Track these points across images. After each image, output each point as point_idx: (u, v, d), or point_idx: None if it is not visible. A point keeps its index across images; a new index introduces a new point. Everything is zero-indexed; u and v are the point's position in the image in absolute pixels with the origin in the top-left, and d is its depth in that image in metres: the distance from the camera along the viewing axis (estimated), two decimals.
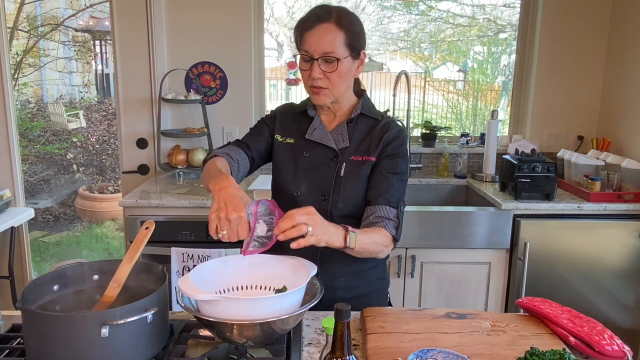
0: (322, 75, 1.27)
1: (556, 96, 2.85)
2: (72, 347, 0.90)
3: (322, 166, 1.34)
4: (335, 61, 1.25)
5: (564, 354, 0.92)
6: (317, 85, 1.28)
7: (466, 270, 2.32)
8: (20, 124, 5.30)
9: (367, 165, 1.33)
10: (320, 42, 1.24)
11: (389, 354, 1.00)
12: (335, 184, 1.32)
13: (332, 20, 1.25)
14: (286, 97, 4.16)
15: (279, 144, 1.40)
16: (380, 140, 1.34)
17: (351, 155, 1.34)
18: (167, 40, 2.70)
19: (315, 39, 1.24)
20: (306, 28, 1.26)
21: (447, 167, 2.83)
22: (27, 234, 2.93)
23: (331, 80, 1.28)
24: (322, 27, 1.25)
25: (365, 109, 1.38)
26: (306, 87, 1.33)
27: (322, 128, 1.37)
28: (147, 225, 1.11)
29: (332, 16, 1.25)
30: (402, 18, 3.99)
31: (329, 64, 1.26)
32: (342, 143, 1.35)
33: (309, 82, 1.30)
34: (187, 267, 2.10)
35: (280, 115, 1.45)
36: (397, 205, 1.30)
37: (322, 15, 1.25)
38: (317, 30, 1.25)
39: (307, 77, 1.29)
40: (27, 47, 5.86)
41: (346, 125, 1.36)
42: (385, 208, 1.29)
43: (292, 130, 1.40)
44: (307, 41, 1.26)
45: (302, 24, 1.28)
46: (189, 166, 2.68)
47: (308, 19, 1.27)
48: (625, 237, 2.28)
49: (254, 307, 0.95)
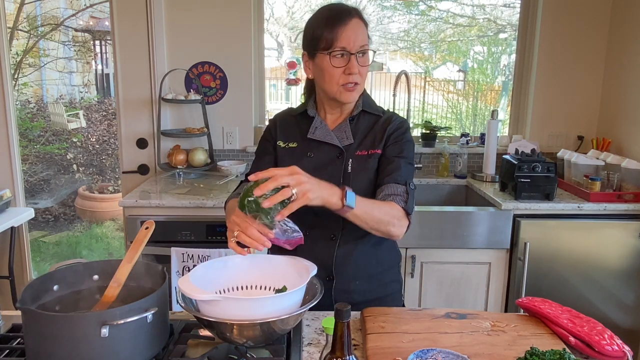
0: (358, 70, 1.27)
1: (556, 96, 2.85)
2: (72, 347, 0.90)
3: (328, 165, 1.33)
4: (369, 52, 1.28)
5: (564, 354, 0.92)
6: (352, 81, 1.27)
7: (466, 270, 2.32)
8: (20, 124, 5.30)
9: (373, 158, 1.32)
10: (357, 36, 1.25)
11: (389, 354, 1.00)
12: (344, 181, 1.30)
13: (357, 16, 1.27)
14: (286, 97, 4.16)
15: (282, 150, 1.38)
16: (384, 133, 1.34)
17: (356, 151, 1.33)
18: (167, 40, 2.70)
19: (352, 33, 1.24)
20: (340, 24, 1.24)
21: (447, 167, 2.83)
22: (27, 234, 2.92)
23: (362, 75, 1.28)
24: (354, 21, 1.26)
25: (367, 106, 1.37)
26: (335, 86, 1.28)
27: (323, 127, 1.36)
28: (147, 225, 1.11)
29: (354, 12, 1.27)
30: (402, 18, 4.00)
31: (364, 57, 1.27)
32: (345, 140, 1.34)
33: (342, 80, 1.27)
34: (187, 267, 2.10)
35: (281, 121, 1.43)
36: (404, 182, 1.28)
37: (352, 11, 1.27)
38: (352, 25, 1.25)
39: (340, 74, 1.27)
40: (27, 47, 5.86)
41: (348, 122, 1.35)
42: (392, 186, 1.27)
43: (294, 133, 1.39)
44: (343, 37, 1.24)
45: (332, 21, 1.25)
46: (189, 166, 2.68)
47: (340, 15, 1.25)
48: (625, 237, 2.28)
49: (254, 307, 0.95)
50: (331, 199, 1.09)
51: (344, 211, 1.12)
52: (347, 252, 1.33)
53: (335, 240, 1.32)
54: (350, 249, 1.33)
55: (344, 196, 1.11)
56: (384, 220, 1.20)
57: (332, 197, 1.10)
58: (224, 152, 2.83)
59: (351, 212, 1.13)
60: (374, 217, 1.18)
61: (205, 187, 2.43)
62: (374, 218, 1.18)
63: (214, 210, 2.18)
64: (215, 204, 2.17)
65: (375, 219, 1.19)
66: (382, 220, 1.20)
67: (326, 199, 1.08)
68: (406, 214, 1.25)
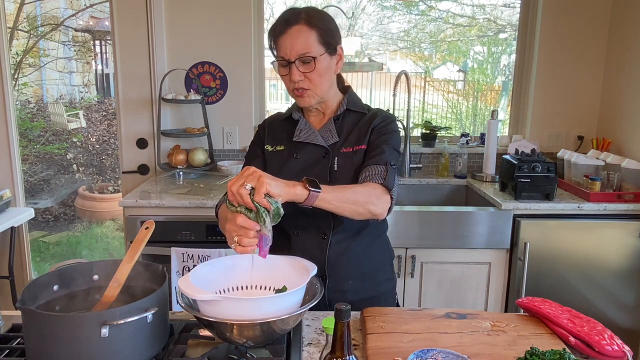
0: (302, 76, 1.27)
1: (556, 96, 2.85)
2: (72, 347, 0.90)
3: (314, 165, 1.33)
4: (312, 60, 1.26)
5: (564, 354, 0.92)
6: (299, 88, 1.29)
7: (466, 270, 2.32)
8: (20, 124, 5.30)
9: (358, 154, 1.33)
10: (294, 45, 1.25)
11: (389, 354, 1.00)
12: (330, 179, 1.31)
13: (302, 22, 1.25)
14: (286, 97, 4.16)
15: (270, 154, 1.40)
16: (369, 128, 1.34)
17: (342, 148, 1.34)
18: (167, 40, 2.70)
19: (288, 42, 1.25)
20: (278, 34, 1.27)
21: (447, 167, 2.83)
22: (27, 234, 2.92)
23: (312, 81, 1.28)
24: (293, 29, 1.25)
25: (351, 105, 1.38)
26: (290, 92, 1.33)
27: (308, 128, 1.37)
28: (147, 225, 1.11)
29: (302, 17, 1.26)
30: (402, 18, 4.00)
31: (307, 65, 1.26)
32: (331, 139, 1.34)
33: (291, 86, 1.30)
34: (187, 267, 2.10)
35: (269, 126, 1.45)
36: (385, 163, 1.27)
37: (291, 18, 1.26)
38: (289, 34, 1.25)
39: (288, 81, 1.30)
40: (27, 47, 5.86)
41: (333, 122, 1.36)
42: (372, 167, 1.27)
43: (282, 137, 1.40)
44: (281, 46, 1.26)
45: (273, 30, 1.28)
46: (189, 166, 2.68)
47: (278, 25, 1.27)
48: (625, 237, 2.28)
49: (254, 307, 0.95)
50: (294, 190, 1.07)
51: (313, 197, 1.09)
52: (339, 251, 1.33)
53: (326, 239, 1.33)
54: (342, 248, 1.34)
55: (307, 184, 1.09)
56: (360, 201, 1.18)
57: (295, 187, 1.07)
58: (224, 152, 2.83)
59: (322, 198, 1.10)
60: (348, 199, 1.16)
61: (205, 187, 2.43)
62: (348, 199, 1.16)
63: (214, 210, 2.17)
64: (215, 204, 2.17)
65: (349, 200, 1.16)
66: (357, 201, 1.17)
67: (288, 190, 1.06)
68: (387, 190, 1.23)
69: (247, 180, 1.01)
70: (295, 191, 1.07)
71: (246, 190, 1.01)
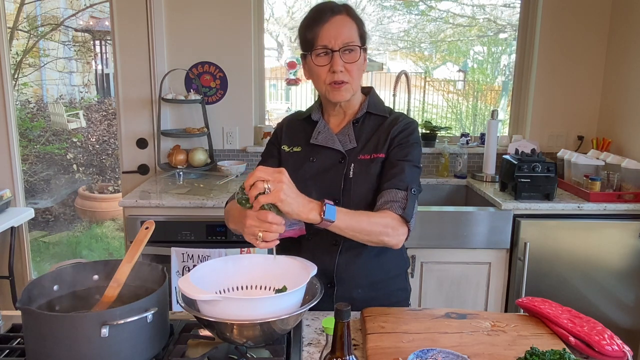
0: (343, 67, 1.24)
1: (556, 96, 2.85)
2: (72, 347, 0.90)
3: (330, 170, 1.30)
4: (356, 49, 1.24)
5: (564, 354, 0.92)
6: (338, 80, 1.24)
7: (466, 270, 2.32)
8: (20, 124, 5.30)
9: (375, 163, 1.28)
10: (339, 34, 1.22)
11: (389, 354, 1.00)
12: (345, 186, 1.27)
13: (344, 12, 1.25)
14: (286, 97, 4.17)
15: (286, 155, 1.36)
16: (388, 136, 1.29)
17: (359, 155, 1.30)
18: (167, 40, 2.70)
19: (334, 30, 1.22)
20: (321, 22, 1.23)
21: (447, 167, 2.83)
22: (27, 234, 2.92)
23: (351, 73, 1.25)
24: (338, 18, 1.24)
25: (372, 107, 1.34)
26: (323, 86, 1.27)
27: (326, 131, 1.33)
28: (147, 225, 1.11)
29: (343, 8, 1.26)
30: (402, 18, 4.00)
31: (350, 54, 1.24)
32: (349, 144, 1.31)
33: (328, 79, 1.25)
34: (187, 267, 2.10)
35: (287, 125, 1.41)
36: (406, 187, 1.23)
37: (335, 8, 1.25)
38: (334, 22, 1.23)
39: (326, 72, 1.25)
40: (27, 47, 5.87)
41: (352, 125, 1.32)
42: (392, 192, 1.22)
43: (300, 138, 1.37)
44: (324, 35, 1.22)
45: (313, 20, 1.25)
46: (189, 166, 2.68)
47: (321, 14, 1.24)
48: (625, 237, 2.28)
49: (254, 307, 0.95)
50: (308, 214, 1.05)
51: (324, 225, 1.08)
52: (349, 259, 1.30)
53: (337, 246, 1.30)
54: (352, 256, 1.30)
55: (323, 210, 1.06)
56: (375, 231, 1.15)
57: (310, 212, 1.05)
58: (224, 152, 2.83)
59: (334, 225, 1.09)
60: (362, 229, 1.13)
61: (205, 187, 2.43)
62: (362, 230, 1.14)
63: (214, 210, 2.18)
64: (215, 204, 2.17)
65: (364, 231, 1.14)
66: (372, 232, 1.15)
67: (301, 211, 1.04)
68: (405, 221, 1.20)
69: (270, 183, 1.00)
70: (308, 216, 1.05)
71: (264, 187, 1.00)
